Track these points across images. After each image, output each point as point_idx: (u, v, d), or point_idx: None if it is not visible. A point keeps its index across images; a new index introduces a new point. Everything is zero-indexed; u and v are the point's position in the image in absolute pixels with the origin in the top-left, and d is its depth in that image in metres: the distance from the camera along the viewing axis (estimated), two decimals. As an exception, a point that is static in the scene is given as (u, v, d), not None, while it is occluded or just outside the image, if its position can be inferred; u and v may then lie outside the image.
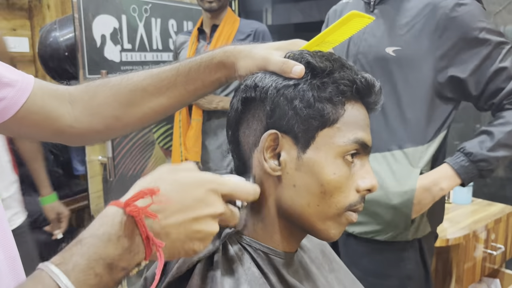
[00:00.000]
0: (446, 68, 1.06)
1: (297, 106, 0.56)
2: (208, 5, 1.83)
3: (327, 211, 0.58)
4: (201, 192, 0.47)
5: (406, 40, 1.08)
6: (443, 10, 1.04)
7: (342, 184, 0.57)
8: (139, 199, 0.43)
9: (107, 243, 0.42)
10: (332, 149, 0.56)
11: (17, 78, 0.66)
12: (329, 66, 0.57)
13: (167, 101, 0.71)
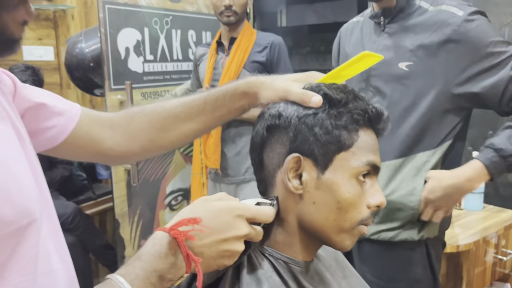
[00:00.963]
0: (460, 83, 1.11)
1: (317, 133, 0.63)
2: (227, 19, 1.92)
3: (343, 225, 0.65)
4: (229, 217, 0.57)
5: (418, 55, 1.14)
6: (452, 26, 1.10)
7: (355, 201, 0.64)
8: (182, 225, 0.53)
9: (158, 259, 0.52)
10: (348, 171, 0.64)
11: (66, 108, 0.75)
12: (344, 98, 0.65)
13: (196, 126, 0.80)
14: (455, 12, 1.11)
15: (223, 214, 0.57)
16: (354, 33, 1.34)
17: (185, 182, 2.50)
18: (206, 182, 2.09)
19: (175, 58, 2.33)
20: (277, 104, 0.69)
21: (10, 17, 0.51)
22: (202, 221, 0.54)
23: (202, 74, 2.09)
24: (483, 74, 1.10)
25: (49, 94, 0.75)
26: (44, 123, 0.72)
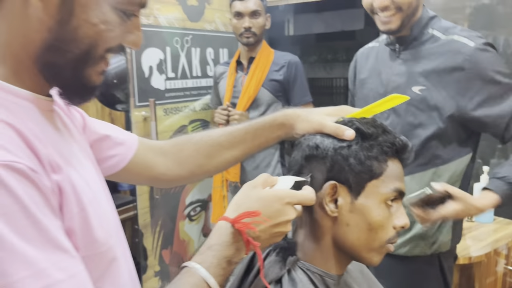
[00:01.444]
0: (469, 109, 1.18)
1: (351, 163, 0.72)
2: (246, 40, 2.02)
3: (372, 244, 0.74)
4: (280, 205, 0.67)
5: (431, 80, 1.22)
6: (464, 55, 1.18)
7: (384, 223, 0.73)
8: (243, 218, 0.64)
9: (226, 248, 0.63)
10: (378, 197, 0.73)
11: (126, 138, 0.85)
12: (375, 132, 0.74)
13: (238, 153, 0.90)
14: (466, 42, 1.19)
15: (274, 202, 0.66)
16: (370, 59, 1.43)
17: (203, 194, 2.59)
18: (227, 195, 2.18)
19: (194, 75, 2.44)
20: (313, 136, 0.78)
21: (93, 70, 0.59)
22: (261, 213, 0.64)
23: (222, 92, 2.19)
24: (490, 102, 1.17)
25: (110, 126, 0.85)
26: (107, 152, 0.82)
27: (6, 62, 0.55)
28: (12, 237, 0.44)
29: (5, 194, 0.45)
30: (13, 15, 0.54)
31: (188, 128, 2.45)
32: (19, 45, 0.55)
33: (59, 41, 0.55)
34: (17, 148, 0.49)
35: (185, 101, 2.41)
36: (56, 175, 0.53)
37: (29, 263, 0.44)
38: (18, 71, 0.56)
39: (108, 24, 0.56)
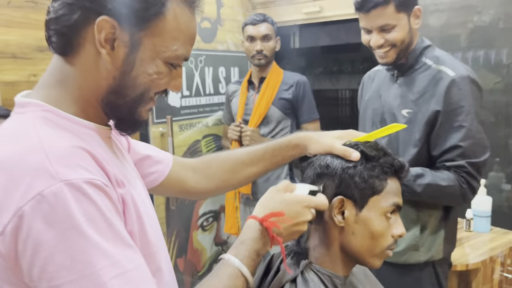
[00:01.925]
0: (434, 132, 1.33)
1: (356, 181, 0.86)
2: (258, 62, 2.17)
3: (374, 250, 0.87)
4: (299, 208, 0.80)
5: (417, 104, 1.36)
6: (442, 84, 1.31)
7: (384, 232, 0.86)
8: (270, 217, 0.77)
9: (256, 242, 0.76)
10: (379, 210, 0.86)
11: (163, 157, 0.99)
12: (377, 155, 0.87)
13: (257, 170, 1.04)
14: (449, 73, 1.31)
15: (295, 205, 0.80)
16: (375, 81, 1.57)
17: (215, 204, 2.72)
18: (239, 206, 2.31)
19: (207, 93, 2.59)
20: (324, 157, 0.92)
21: (144, 108, 0.73)
22: (285, 214, 0.77)
23: (235, 109, 2.33)
24: (443, 130, 1.31)
25: (150, 147, 1.00)
26: (148, 170, 0.96)
27: (78, 102, 0.70)
28: (96, 236, 0.57)
29: (89, 203, 0.58)
30: (87, 65, 0.68)
31: (201, 143, 2.59)
32: (89, 89, 0.69)
33: (121, 87, 0.69)
34: (94, 168, 0.62)
35: (199, 117, 2.56)
36: (120, 189, 0.67)
37: (108, 256, 0.58)
38: (86, 108, 0.70)
39: (160, 74, 0.70)
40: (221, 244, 2.80)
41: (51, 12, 0.68)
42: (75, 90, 0.69)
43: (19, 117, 0.67)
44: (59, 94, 0.69)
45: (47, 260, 0.55)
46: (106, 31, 0.65)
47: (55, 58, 0.71)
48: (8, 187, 0.57)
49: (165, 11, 0.67)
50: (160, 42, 0.68)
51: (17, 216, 0.55)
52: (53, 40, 0.69)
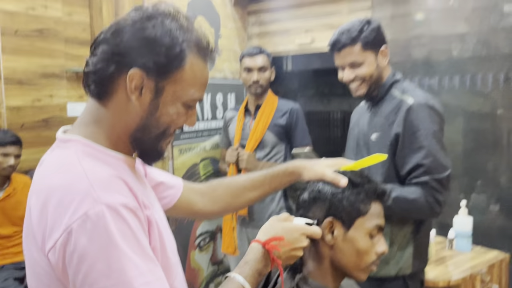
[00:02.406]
0: (397, 155, 1.49)
1: (344, 205, 1.00)
2: (254, 91, 2.33)
3: (360, 265, 1.01)
4: (297, 235, 0.94)
5: (382, 129, 1.54)
6: (401, 110, 1.49)
7: (368, 250, 1.00)
8: (272, 241, 0.90)
9: (258, 263, 0.89)
10: (364, 230, 0.99)
11: (175, 182, 1.12)
12: (362, 182, 1.01)
13: (258, 194, 1.17)
14: (408, 101, 1.48)
15: (294, 232, 0.94)
16: (357, 113, 1.78)
17: (212, 225, 2.84)
18: (236, 226, 2.43)
19: (205, 118, 2.73)
20: (316, 183, 1.06)
21: (164, 142, 0.86)
22: (284, 239, 0.91)
23: (232, 134, 2.47)
24: (405, 151, 1.47)
25: (163, 173, 1.12)
26: (162, 194, 1.08)
27: (110, 137, 0.83)
28: (128, 250, 0.70)
29: (123, 223, 0.71)
30: (119, 108, 0.82)
31: (199, 166, 2.72)
32: (120, 127, 0.83)
33: (147, 125, 0.82)
34: (127, 193, 0.75)
35: (197, 141, 2.69)
36: (146, 211, 0.79)
37: (137, 267, 0.70)
38: (117, 143, 0.84)
39: (179, 114, 0.84)
40: (217, 264, 2.90)
41: (90, 65, 0.81)
42: (108, 128, 0.83)
43: (63, 151, 0.80)
44: (95, 131, 0.82)
45: (89, 268, 0.68)
46: (136, 80, 0.79)
47: (91, 101, 0.85)
48: (59, 209, 0.70)
49: (184, 64, 0.80)
50: (180, 89, 0.81)
51: (67, 232, 0.68)
52: (92, 87, 0.82)
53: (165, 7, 0.83)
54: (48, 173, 0.77)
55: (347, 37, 1.53)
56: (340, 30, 1.56)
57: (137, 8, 0.83)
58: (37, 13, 3.16)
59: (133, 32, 0.79)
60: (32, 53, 3.17)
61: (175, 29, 0.80)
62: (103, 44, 0.80)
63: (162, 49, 0.78)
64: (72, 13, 3.38)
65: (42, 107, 3.22)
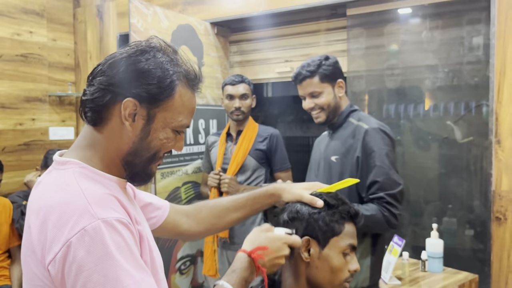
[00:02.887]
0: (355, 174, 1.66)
1: (320, 225, 1.07)
2: (236, 117, 2.42)
3: (334, 282, 1.08)
4: (280, 244, 1.02)
5: (342, 152, 1.73)
6: (358, 134, 1.68)
7: (342, 268, 1.07)
8: (257, 251, 0.97)
9: (245, 271, 0.96)
10: (338, 249, 1.07)
11: (161, 204, 1.18)
12: (336, 203, 1.10)
13: (240, 215, 1.24)
14: (364, 125, 1.69)
15: (277, 241, 1.02)
16: (320, 141, 1.97)
17: (192, 249, 2.86)
18: (217, 249, 2.47)
19: (188, 143, 2.79)
20: (294, 204, 1.14)
21: (154, 165, 0.94)
22: (268, 248, 0.98)
23: (214, 158, 2.54)
24: (364, 170, 1.64)
25: (150, 195, 1.18)
26: (149, 215, 1.14)
27: (104, 160, 0.90)
28: (122, 261, 0.76)
29: (118, 236, 0.77)
30: (113, 133, 0.89)
31: (181, 189, 2.77)
32: (113, 151, 0.90)
33: (138, 149, 0.89)
34: (120, 210, 0.82)
35: (179, 165, 2.75)
36: (138, 226, 0.86)
37: (131, 277, 0.76)
38: (110, 165, 0.90)
39: (168, 139, 0.91)
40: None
41: (87, 94, 0.89)
42: (102, 151, 0.90)
43: (61, 172, 0.86)
44: (90, 154, 0.89)
45: (87, 279, 0.74)
46: (130, 108, 0.86)
47: (86, 127, 0.92)
48: (58, 224, 0.76)
49: (174, 93, 0.88)
50: (170, 116, 0.89)
51: (66, 246, 0.74)
52: (88, 115, 0.89)
53: (156, 41, 0.92)
54: (47, 192, 0.83)
55: (307, 71, 1.75)
56: (302, 64, 1.79)
57: (131, 43, 0.91)
58: (22, 39, 3.22)
59: (128, 64, 0.87)
60: (16, 77, 3.20)
61: (166, 62, 0.88)
62: (100, 75, 0.88)
63: (154, 80, 0.86)
64: (56, 38, 3.45)
65: (24, 130, 3.24)
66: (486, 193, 2.18)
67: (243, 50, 3.11)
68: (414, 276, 2.13)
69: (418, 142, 2.80)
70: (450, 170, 2.59)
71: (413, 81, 2.67)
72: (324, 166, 1.80)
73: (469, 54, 2.45)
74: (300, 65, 1.79)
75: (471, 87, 2.46)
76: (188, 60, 0.93)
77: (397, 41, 2.65)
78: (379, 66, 2.71)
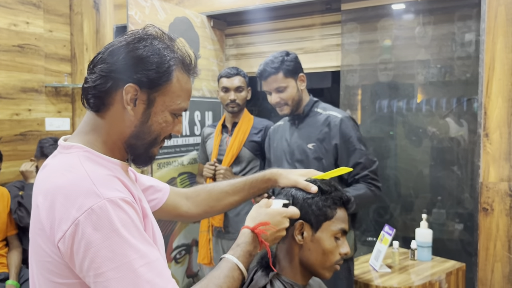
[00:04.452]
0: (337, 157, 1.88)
1: (313, 209, 1.12)
2: (231, 109, 2.46)
3: (325, 264, 1.13)
4: (280, 217, 1.07)
5: (317, 139, 1.90)
6: (333, 123, 1.89)
7: (333, 250, 1.12)
8: (260, 226, 1.02)
9: (248, 245, 1.01)
10: (330, 232, 1.12)
11: (162, 186, 1.23)
12: (329, 189, 1.15)
13: (238, 198, 1.29)
14: (337, 115, 1.90)
15: (276, 216, 1.06)
16: (278, 132, 2.12)
17: (187, 239, 2.91)
18: (211, 238, 2.52)
19: (184, 134, 2.83)
20: (290, 189, 1.19)
21: (156, 148, 0.98)
22: (270, 223, 1.03)
23: (209, 150, 2.58)
24: (344, 156, 1.86)
25: (151, 178, 1.23)
26: (151, 197, 1.19)
27: (107, 144, 0.94)
28: (129, 236, 0.80)
29: (123, 213, 0.82)
30: (115, 118, 0.93)
31: (177, 180, 2.81)
32: (116, 135, 0.94)
33: (140, 133, 0.94)
34: (124, 190, 0.87)
35: (175, 156, 2.79)
36: (142, 204, 0.91)
37: (137, 250, 0.80)
38: (113, 149, 0.95)
39: (167, 122, 0.96)
40: (192, 276, 2.97)
41: (89, 82, 0.92)
42: (105, 136, 0.94)
43: (66, 155, 0.91)
44: (94, 139, 0.93)
45: (95, 254, 0.78)
46: (131, 93, 0.91)
47: (89, 114, 0.96)
48: (66, 204, 0.81)
49: (171, 78, 0.93)
50: (168, 99, 0.94)
51: (74, 224, 0.79)
52: (91, 101, 0.93)
53: (152, 29, 0.97)
54: (54, 174, 0.87)
55: (271, 68, 1.88)
56: (265, 61, 1.91)
57: (129, 31, 0.96)
58: (19, 29, 3.23)
59: (127, 52, 0.91)
60: (12, 68, 3.22)
61: (163, 49, 0.93)
62: (101, 63, 0.92)
63: (153, 66, 0.91)
64: (53, 29, 3.46)
65: (20, 121, 3.26)
66: (474, 185, 2.24)
67: (239, 43, 3.15)
68: (403, 264, 2.19)
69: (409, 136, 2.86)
70: (440, 162, 2.65)
71: (406, 76, 2.73)
72: (299, 153, 1.94)
73: (460, 50, 2.51)
74: (264, 62, 1.91)
75: (461, 82, 2.53)
76: (183, 46, 0.97)
77: (390, 36, 2.70)
78: (373, 60, 2.76)
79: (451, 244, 2.58)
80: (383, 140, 2.82)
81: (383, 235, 2.17)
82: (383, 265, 2.13)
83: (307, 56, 2.84)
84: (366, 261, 2.24)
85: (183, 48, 0.97)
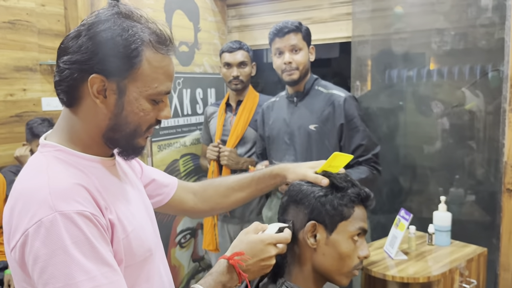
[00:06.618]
0: (340, 137, 1.84)
1: (327, 209, 0.98)
2: (235, 87, 2.29)
3: (342, 269, 0.99)
4: (262, 245, 0.94)
5: (321, 120, 1.86)
6: (337, 103, 1.85)
7: (351, 254, 0.98)
8: (235, 256, 0.90)
9: (222, 275, 0.90)
10: (346, 234, 0.98)
11: (169, 181, 1.14)
12: (345, 186, 1.00)
13: (245, 195, 1.19)
14: (340, 94, 1.87)
15: (258, 244, 0.94)
16: (274, 109, 2.02)
17: (192, 222, 2.80)
18: (217, 223, 2.40)
19: (185, 113, 2.68)
20: (298, 184, 1.04)
21: (140, 139, 0.87)
22: (245, 253, 0.91)
23: (213, 130, 2.43)
24: (348, 135, 1.83)
25: (157, 171, 1.14)
26: (156, 191, 1.11)
27: (84, 141, 0.84)
28: (78, 255, 0.71)
29: (77, 230, 0.73)
30: (88, 113, 0.83)
31: (179, 162, 2.68)
32: (92, 130, 0.84)
33: (116, 125, 0.84)
34: (87, 201, 0.76)
35: (177, 137, 2.65)
36: (110, 215, 0.80)
37: (86, 272, 0.72)
38: (92, 145, 0.85)
39: (145, 111, 0.84)
40: (198, 261, 2.87)
41: (56, 76, 0.83)
42: (81, 132, 0.84)
43: (39, 155, 0.84)
44: (69, 136, 0.85)
45: (42, 270, 0.71)
46: (97, 84, 0.80)
47: (64, 109, 0.87)
48: (22, 212, 0.74)
49: (140, 60, 0.81)
50: (141, 85, 0.82)
51: (24, 236, 0.73)
52: (61, 97, 0.84)
53: (116, 8, 0.84)
54: (22, 177, 0.83)
55: (292, 25, 1.84)
56: (283, 22, 1.86)
57: (91, 14, 0.85)
58: (9, 4, 3.03)
59: (87, 39, 0.80)
60: (4, 46, 3.04)
61: (127, 28, 0.81)
62: (63, 54, 0.82)
63: (116, 51, 0.80)
64: (45, 3, 3.26)
65: (15, 101, 3.11)
66: (497, 164, 2.08)
67: (241, 14, 2.94)
68: (420, 250, 2.06)
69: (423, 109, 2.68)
70: (457, 140, 2.49)
71: (420, 45, 2.53)
72: (301, 135, 1.88)
73: (482, 16, 2.30)
74: (282, 22, 1.86)
75: (483, 52, 2.33)
76: (153, 21, 0.85)
77: (404, 3, 2.49)
78: (385, 29, 2.55)
79: (470, 226, 2.44)
80: (400, 114, 2.64)
81: (399, 219, 2.02)
82: (399, 251, 2.00)
83: (315, 27, 2.63)
84: (381, 246, 2.11)
85: (153, 24, 0.85)
